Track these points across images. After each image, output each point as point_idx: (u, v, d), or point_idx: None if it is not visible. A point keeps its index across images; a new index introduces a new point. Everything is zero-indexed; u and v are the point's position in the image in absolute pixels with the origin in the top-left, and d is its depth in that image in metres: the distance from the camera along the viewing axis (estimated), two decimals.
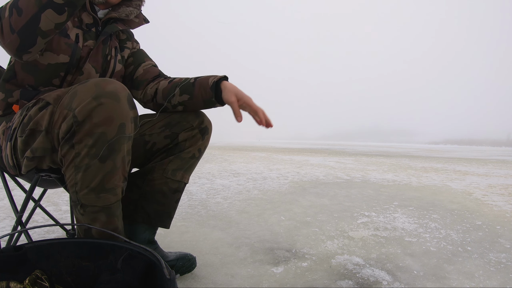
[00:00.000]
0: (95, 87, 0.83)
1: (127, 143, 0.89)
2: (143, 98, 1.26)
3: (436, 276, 1.37)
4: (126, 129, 0.87)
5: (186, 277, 1.28)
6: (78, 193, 0.89)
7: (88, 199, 0.89)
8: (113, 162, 0.87)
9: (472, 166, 7.13)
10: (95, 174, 0.86)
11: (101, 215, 0.92)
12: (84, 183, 0.87)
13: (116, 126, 0.84)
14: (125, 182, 0.94)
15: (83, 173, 0.86)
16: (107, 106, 0.82)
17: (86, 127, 0.82)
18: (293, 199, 2.84)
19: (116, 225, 0.96)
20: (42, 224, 1.64)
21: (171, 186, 1.21)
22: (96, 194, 0.89)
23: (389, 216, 2.35)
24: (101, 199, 0.90)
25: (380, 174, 4.93)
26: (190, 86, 1.17)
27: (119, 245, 0.83)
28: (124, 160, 0.90)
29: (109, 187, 0.89)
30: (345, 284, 1.27)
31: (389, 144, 40.77)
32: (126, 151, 0.90)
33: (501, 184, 4.27)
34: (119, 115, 0.84)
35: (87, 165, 0.85)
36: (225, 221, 2.11)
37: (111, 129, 0.84)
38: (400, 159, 8.79)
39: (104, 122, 0.83)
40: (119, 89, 0.85)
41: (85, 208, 0.91)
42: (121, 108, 0.84)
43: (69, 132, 0.84)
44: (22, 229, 1.18)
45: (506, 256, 1.62)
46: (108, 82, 0.85)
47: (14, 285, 0.74)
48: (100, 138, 0.83)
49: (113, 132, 0.84)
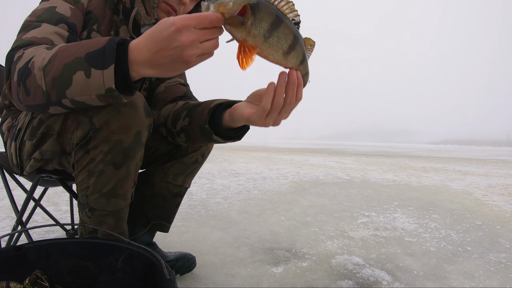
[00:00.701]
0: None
1: (141, 150, 0.88)
2: (156, 119, 1.11)
3: (436, 276, 1.37)
4: (142, 137, 0.86)
5: (186, 277, 1.28)
6: (88, 196, 0.88)
7: (98, 204, 0.89)
8: (127, 169, 0.87)
9: (472, 166, 7.13)
10: (109, 180, 0.86)
11: (109, 218, 0.92)
12: (96, 188, 0.87)
13: (133, 134, 0.83)
14: (134, 187, 0.94)
15: (96, 178, 0.86)
16: (124, 114, 0.81)
17: (103, 133, 0.81)
18: (293, 199, 2.84)
19: (123, 228, 0.96)
20: (42, 224, 1.64)
21: (172, 191, 1.20)
22: (107, 199, 0.88)
23: (389, 216, 2.34)
24: (112, 204, 0.90)
25: (380, 174, 4.93)
26: (195, 108, 0.96)
27: (119, 245, 0.83)
28: (137, 167, 0.90)
29: (120, 193, 0.89)
30: (345, 284, 1.27)
31: (389, 144, 40.76)
32: (140, 157, 0.89)
33: (501, 184, 4.27)
34: (136, 123, 0.83)
35: (101, 171, 0.85)
36: (225, 221, 2.11)
37: (128, 136, 0.83)
38: (400, 159, 8.79)
39: (121, 130, 0.81)
40: (136, 96, 0.83)
41: (93, 211, 0.90)
42: (138, 116, 0.83)
43: (85, 138, 0.83)
44: (22, 229, 1.18)
45: (506, 256, 1.62)
46: None
47: (14, 285, 0.74)
48: (116, 145, 0.83)
49: (129, 140, 0.83)
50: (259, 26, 0.56)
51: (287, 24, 0.59)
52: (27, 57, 0.71)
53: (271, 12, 0.56)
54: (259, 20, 0.55)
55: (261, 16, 0.56)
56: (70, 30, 0.88)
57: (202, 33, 0.56)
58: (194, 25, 0.55)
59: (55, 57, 0.66)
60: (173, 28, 0.55)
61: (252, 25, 0.56)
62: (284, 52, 0.60)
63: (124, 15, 1.01)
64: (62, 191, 2.79)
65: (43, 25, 0.84)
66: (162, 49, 0.57)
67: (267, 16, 0.56)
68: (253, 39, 0.57)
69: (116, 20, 1.01)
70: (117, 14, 1.01)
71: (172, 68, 0.59)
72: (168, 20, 0.56)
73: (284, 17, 0.58)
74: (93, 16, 0.96)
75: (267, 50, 0.59)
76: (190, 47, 0.56)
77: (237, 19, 0.55)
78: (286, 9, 0.58)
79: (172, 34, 0.55)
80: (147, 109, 0.87)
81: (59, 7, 0.89)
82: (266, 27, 0.57)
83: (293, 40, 0.60)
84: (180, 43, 0.55)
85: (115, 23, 1.01)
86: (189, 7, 1.03)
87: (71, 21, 0.89)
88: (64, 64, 0.64)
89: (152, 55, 0.58)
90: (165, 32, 0.55)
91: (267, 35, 0.57)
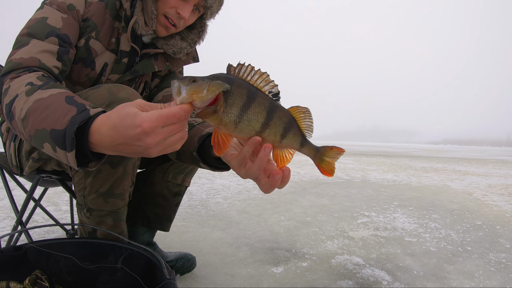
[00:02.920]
0: (107, 93, 0.81)
1: None
2: None
3: (436, 276, 1.37)
4: None
5: (186, 277, 1.28)
6: (86, 197, 0.88)
7: (96, 204, 0.89)
8: (124, 168, 0.86)
9: (472, 166, 7.13)
10: (105, 179, 0.86)
11: (108, 218, 0.92)
12: (94, 188, 0.87)
13: None
14: (132, 186, 0.94)
15: (93, 178, 0.86)
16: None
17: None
18: (293, 199, 2.84)
19: (121, 228, 0.96)
20: (42, 224, 1.64)
21: (172, 190, 1.20)
22: (104, 198, 0.88)
23: (389, 216, 2.34)
24: (109, 204, 0.90)
25: (380, 174, 4.93)
26: (189, 127, 0.90)
27: (119, 245, 0.83)
28: (134, 166, 0.90)
29: (118, 192, 0.89)
30: (345, 284, 1.27)
31: (389, 144, 40.73)
32: (137, 157, 0.88)
33: (501, 184, 4.27)
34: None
35: (98, 170, 0.85)
36: (225, 221, 2.11)
37: None
38: (400, 159, 8.78)
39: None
40: (132, 95, 0.83)
41: (91, 212, 0.90)
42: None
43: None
44: (22, 229, 1.18)
45: (506, 256, 1.62)
46: (121, 88, 0.83)
47: (14, 285, 0.74)
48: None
49: None
50: (230, 113, 0.52)
51: (258, 102, 0.54)
52: (11, 95, 0.72)
53: (242, 94, 0.52)
54: (230, 105, 0.52)
55: (232, 101, 0.52)
56: (60, 43, 0.87)
57: (169, 130, 0.53)
58: (162, 125, 0.52)
59: (29, 115, 0.67)
60: (139, 130, 0.52)
61: (223, 112, 0.52)
62: (257, 132, 0.56)
63: (125, 23, 0.98)
64: (62, 191, 2.79)
65: (32, 42, 0.83)
66: (125, 143, 0.55)
67: (238, 99, 0.52)
68: (225, 127, 0.53)
69: (118, 27, 0.98)
70: (119, 21, 0.98)
71: (133, 155, 0.59)
72: (136, 119, 0.52)
73: (256, 94, 0.54)
74: (91, 23, 0.93)
75: (239, 135, 0.55)
76: (154, 147, 0.54)
77: (209, 109, 0.51)
78: (260, 83, 0.54)
79: (138, 135, 0.53)
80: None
81: (50, 18, 0.87)
82: (236, 113, 0.52)
83: (265, 118, 0.55)
84: (145, 144, 0.53)
85: (116, 30, 0.98)
86: (190, 21, 1.00)
87: (62, 32, 0.87)
88: (36, 130, 0.65)
89: (113, 145, 0.57)
90: (130, 131, 0.53)
91: (237, 121, 0.53)
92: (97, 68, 0.95)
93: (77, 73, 0.94)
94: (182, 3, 0.94)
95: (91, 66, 0.94)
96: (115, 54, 0.97)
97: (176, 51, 1.04)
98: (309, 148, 0.61)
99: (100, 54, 0.95)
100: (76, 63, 0.93)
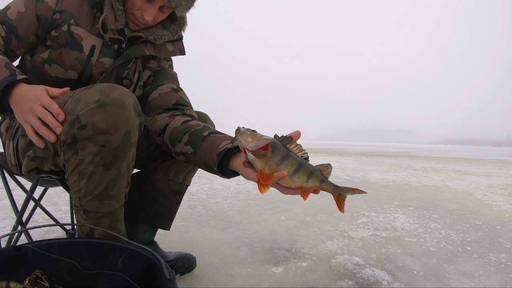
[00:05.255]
0: (99, 93, 0.80)
1: (132, 150, 0.88)
2: (151, 127, 1.11)
3: (436, 276, 1.37)
4: (132, 137, 0.85)
5: (186, 277, 1.28)
6: (81, 199, 0.88)
7: (91, 206, 0.89)
8: (117, 170, 0.86)
9: (472, 166, 7.13)
10: (99, 182, 0.86)
11: (105, 220, 0.92)
12: (88, 190, 0.86)
13: (122, 134, 0.82)
14: (128, 187, 0.94)
15: (87, 180, 0.85)
16: (112, 113, 0.80)
17: (90, 133, 0.80)
18: (293, 199, 2.84)
19: (119, 229, 0.95)
20: (42, 224, 1.64)
21: (173, 188, 1.20)
22: (99, 200, 0.88)
23: (389, 216, 2.35)
24: (105, 206, 0.89)
25: (380, 174, 4.93)
26: (199, 139, 0.96)
27: (119, 245, 0.83)
28: (128, 167, 0.89)
29: (113, 194, 0.89)
30: (345, 284, 1.27)
31: (389, 144, 40.75)
32: (131, 157, 0.89)
33: (501, 184, 4.27)
34: (124, 122, 0.82)
35: (92, 173, 0.84)
36: (225, 221, 2.11)
37: (115, 137, 0.82)
38: (400, 159, 8.79)
39: (109, 130, 0.81)
40: (125, 95, 0.82)
41: (88, 213, 0.90)
42: (127, 116, 0.82)
43: (72, 135, 0.82)
44: (22, 229, 1.18)
45: (506, 256, 1.62)
46: (113, 88, 0.82)
47: (14, 285, 0.74)
48: (104, 146, 0.82)
49: (118, 140, 0.82)
50: (274, 158, 0.77)
51: (293, 157, 0.79)
52: None
53: (283, 150, 0.79)
54: (275, 154, 0.77)
55: (277, 152, 0.78)
56: (8, 32, 0.98)
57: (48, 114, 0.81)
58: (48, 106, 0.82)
59: None
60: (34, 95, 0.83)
61: (270, 157, 0.77)
62: (290, 174, 0.79)
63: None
64: (62, 191, 2.79)
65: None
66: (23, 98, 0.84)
67: (281, 152, 0.78)
68: (269, 168, 0.77)
69: (98, 17, 1.03)
70: (100, 12, 1.03)
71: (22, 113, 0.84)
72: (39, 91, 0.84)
73: (292, 154, 0.80)
74: (67, 13, 0.99)
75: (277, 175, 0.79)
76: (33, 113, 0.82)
77: (261, 152, 0.76)
78: (296, 150, 0.81)
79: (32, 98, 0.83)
80: (137, 107, 0.86)
81: (12, 9, 0.98)
82: (278, 159, 0.78)
83: (297, 166, 0.79)
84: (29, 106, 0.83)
85: (97, 18, 1.03)
86: (159, 19, 1.05)
87: (13, 24, 0.98)
88: None
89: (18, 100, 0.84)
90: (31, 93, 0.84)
91: (279, 163, 0.78)
92: (85, 51, 1.00)
93: (67, 56, 0.99)
94: (147, 6, 0.99)
95: (78, 49, 0.99)
96: (100, 38, 1.03)
97: (157, 38, 1.10)
98: (328, 184, 0.84)
99: (85, 38, 1.00)
100: (64, 47, 0.98)
